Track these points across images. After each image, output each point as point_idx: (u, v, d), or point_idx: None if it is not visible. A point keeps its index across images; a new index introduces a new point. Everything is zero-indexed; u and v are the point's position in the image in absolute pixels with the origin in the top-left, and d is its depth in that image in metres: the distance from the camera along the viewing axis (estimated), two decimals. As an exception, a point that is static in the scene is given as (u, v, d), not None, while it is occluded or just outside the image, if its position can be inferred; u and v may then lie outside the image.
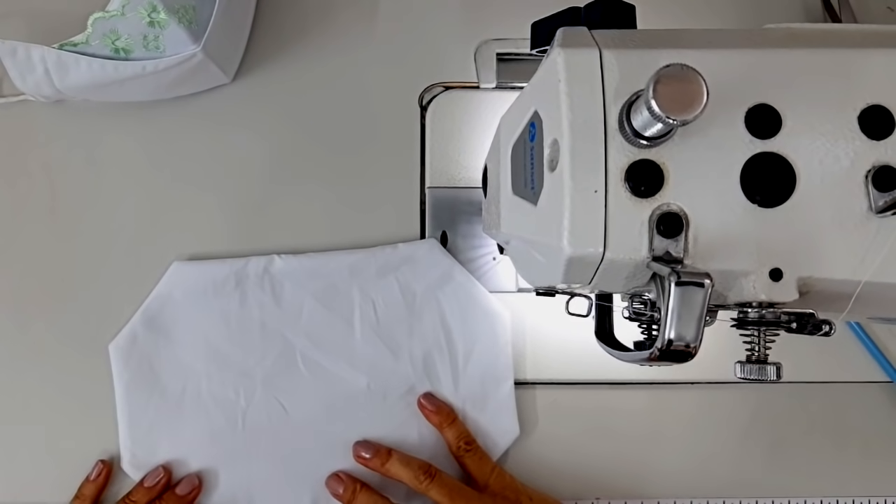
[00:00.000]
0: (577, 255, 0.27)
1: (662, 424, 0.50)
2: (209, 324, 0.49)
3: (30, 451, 0.49)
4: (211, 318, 0.49)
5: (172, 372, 0.48)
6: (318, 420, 0.48)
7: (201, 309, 0.49)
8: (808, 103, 0.28)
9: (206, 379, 0.48)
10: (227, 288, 0.49)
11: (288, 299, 0.49)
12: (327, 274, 0.49)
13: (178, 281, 0.49)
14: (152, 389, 0.48)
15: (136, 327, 0.49)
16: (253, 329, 0.49)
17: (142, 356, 0.48)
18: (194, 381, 0.48)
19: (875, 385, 0.51)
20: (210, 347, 0.48)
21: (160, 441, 0.48)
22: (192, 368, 0.48)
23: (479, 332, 0.49)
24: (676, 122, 0.24)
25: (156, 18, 0.44)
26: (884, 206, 0.27)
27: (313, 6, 0.53)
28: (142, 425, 0.48)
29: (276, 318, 0.49)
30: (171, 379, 0.48)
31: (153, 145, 0.52)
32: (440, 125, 0.52)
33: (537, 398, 0.50)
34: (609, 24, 0.31)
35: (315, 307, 0.49)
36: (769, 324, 0.29)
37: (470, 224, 0.51)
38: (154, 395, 0.48)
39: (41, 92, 0.48)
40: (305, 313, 0.49)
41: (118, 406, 0.48)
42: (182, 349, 0.48)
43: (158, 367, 0.48)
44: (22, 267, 0.51)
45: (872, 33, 0.30)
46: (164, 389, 0.48)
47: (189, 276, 0.49)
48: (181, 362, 0.48)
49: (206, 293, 0.49)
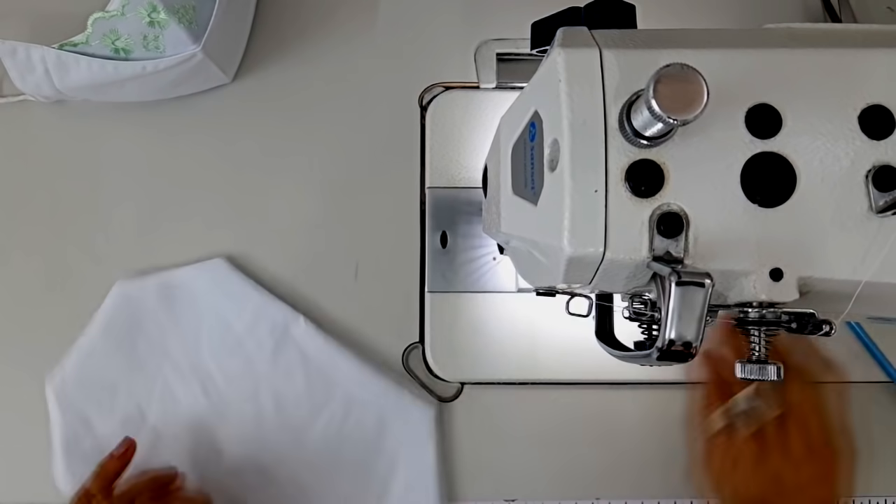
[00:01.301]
0: (578, 255, 0.27)
1: (662, 424, 0.50)
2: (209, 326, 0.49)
3: (30, 451, 0.49)
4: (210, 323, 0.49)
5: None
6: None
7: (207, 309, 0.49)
8: (808, 103, 0.28)
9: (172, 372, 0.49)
10: (241, 314, 0.49)
11: (285, 359, 0.49)
12: (330, 369, 0.49)
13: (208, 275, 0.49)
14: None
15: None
16: (239, 360, 0.49)
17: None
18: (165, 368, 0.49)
19: (875, 385, 0.51)
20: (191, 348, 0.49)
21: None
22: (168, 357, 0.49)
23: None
24: (677, 121, 0.24)
25: (156, 18, 0.44)
26: (884, 206, 0.27)
27: (313, 6, 0.53)
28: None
29: (265, 367, 0.49)
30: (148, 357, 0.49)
31: (153, 145, 0.52)
32: (440, 125, 0.52)
33: (537, 398, 0.50)
34: (609, 24, 0.31)
35: (302, 384, 0.49)
36: (769, 324, 0.29)
37: (470, 224, 0.51)
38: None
39: (41, 92, 0.48)
40: (293, 383, 0.49)
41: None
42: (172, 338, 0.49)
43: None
44: (22, 266, 0.51)
45: (872, 33, 0.30)
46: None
47: (215, 276, 0.49)
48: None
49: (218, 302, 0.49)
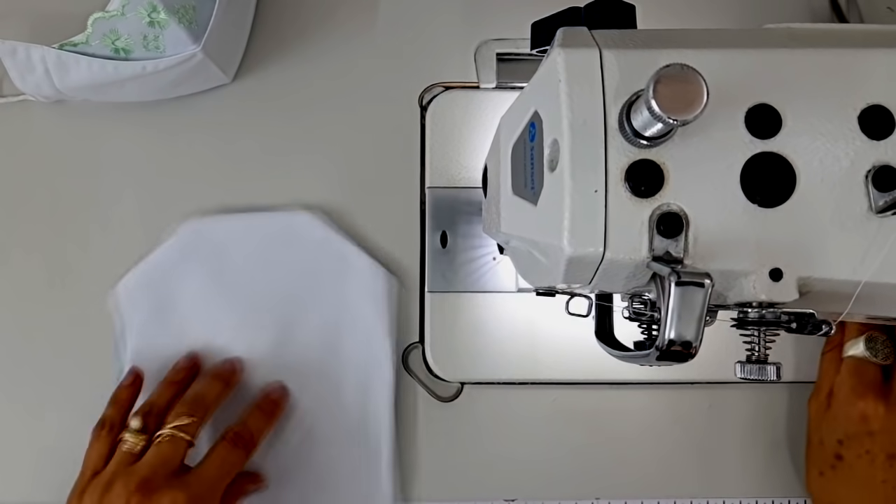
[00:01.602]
0: (577, 255, 0.27)
1: (662, 424, 0.50)
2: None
3: (30, 451, 0.49)
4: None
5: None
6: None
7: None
8: (808, 103, 0.28)
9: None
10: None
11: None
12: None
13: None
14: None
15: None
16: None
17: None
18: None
19: (875, 385, 0.51)
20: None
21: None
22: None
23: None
24: (676, 122, 0.24)
25: (156, 18, 0.44)
26: (884, 206, 0.27)
27: (313, 6, 0.53)
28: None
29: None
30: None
31: (153, 145, 0.52)
32: (440, 125, 0.52)
33: (537, 398, 0.50)
34: (609, 24, 0.31)
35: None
36: (769, 324, 0.29)
37: (470, 224, 0.51)
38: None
39: (41, 92, 0.48)
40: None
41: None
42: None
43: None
44: (22, 266, 0.51)
45: (872, 33, 0.30)
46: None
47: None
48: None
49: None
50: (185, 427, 0.40)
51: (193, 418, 0.41)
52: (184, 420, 0.40)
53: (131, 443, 0.40)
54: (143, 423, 0.41)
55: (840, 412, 0.44)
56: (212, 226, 0.50)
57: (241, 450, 0.42)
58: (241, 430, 0.43)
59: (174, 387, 0.44)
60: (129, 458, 0.39)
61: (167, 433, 0.40)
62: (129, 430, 0.40)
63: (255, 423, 0.44)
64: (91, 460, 0.41)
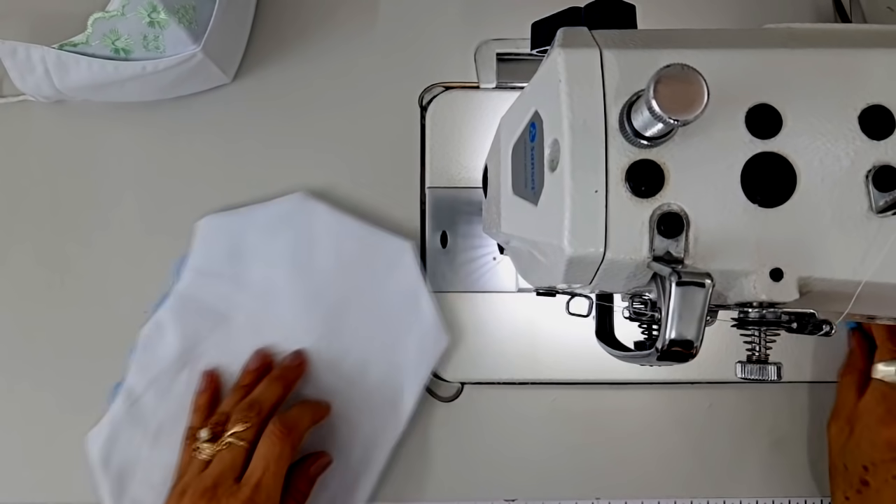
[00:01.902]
0: (578, 256, 0.27)
1: (662, 424, 0.50)
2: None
3: (29, 451, 0.49)
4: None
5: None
6: None
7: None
8: (808, 103, 0.28)
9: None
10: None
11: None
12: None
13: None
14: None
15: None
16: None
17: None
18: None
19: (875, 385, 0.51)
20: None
21: None
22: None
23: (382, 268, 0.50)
24: (677, 122, 0.24)
25: (156, 18, 0.44)
26: (884, 206, 0.27)
27: (313, 6, 0.53)
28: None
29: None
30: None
31: (153, 145, 0.52)
32: (440, 125, 0.52)
33: (537, 398, 0.50)
34: (609, 24, 0.31)
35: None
36: (770, 324, 0.29)
37: (470, 224, 0.51)
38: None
39: (41, 92, 0.48)
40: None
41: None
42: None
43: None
44: (22, 267, 0.51)
45: (872, 33, 0.30)
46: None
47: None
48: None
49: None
50: (242, 434, 0.42)
51: (248, 424, 0.43)
52: (239, 427, 0.42)
53: (202, 451, 0.43)
54: (211, 433, 0.43)
55: (865, 438, 0.44)
56: (316, 209, 0.50)
57: (282, 440, 0.43)
58: (283, 419, 0.44)
59: (242, 392, 0.46)
60: (202, 466, 0.42)
61: (226, 441, 0.42)
62: (201, 440, 0.43)
63: (297, 411, 0.45)
64: (181, 467, 0.44)
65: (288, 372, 0.47)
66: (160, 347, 0.48)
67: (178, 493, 0.41)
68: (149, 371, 0.48)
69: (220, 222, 0.50)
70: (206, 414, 0.46)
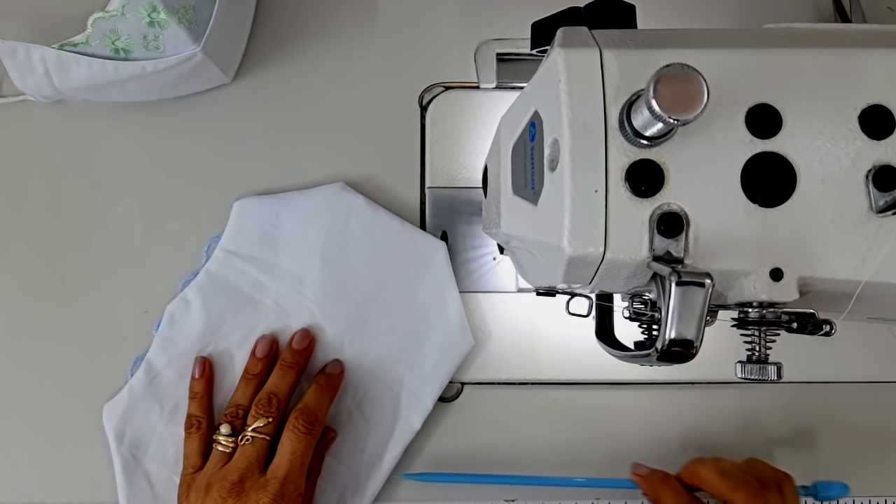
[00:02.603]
0: (578, 255, 0.27)
1: (662, 424, 0.50)
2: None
3: (29, 451, 0.49)
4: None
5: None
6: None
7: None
8: (808, 103, 0.28)
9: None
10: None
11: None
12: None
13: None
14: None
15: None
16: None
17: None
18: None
19: (875, 385, 0.51)
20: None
21: None
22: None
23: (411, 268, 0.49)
24: (677, 121, 0.24)
25: (156, 18, 0.44)
26: (884, 206, 0.27)
27: (313, 6, 0.53)
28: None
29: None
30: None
31: (153, 145, 0.52)
32: (440, 125, 0.52)
33: (537, 398, 0.50)
34: (609, 24, 0.31)
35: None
36: (770, 324, 0.29)
37: (470, 224, 0.51)
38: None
39: (41, 92, 0.48)
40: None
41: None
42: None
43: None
44: (22, 266, 0.51)
45: (872, 33, 0.30)
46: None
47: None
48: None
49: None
50: (264, 428, 0.43)
51: (269, 419, 0.43)
52: (261, 422, 0.43)
53: (224, 445, 0.43)
54: (231, 428, 0.44)
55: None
56: (354, 202, 0.50)
57: (307, 434, 0.43)
58: (305, 413, 0.44)
59: (255, 381, 0.46)
60: (223, 459, 0.43)
61: (249, 436, 0.43)
62: (222, 434, 0.44)
63: (317, 403, 0.45)
64: (189, 458, 0.45)
65: (299, 356, 0.47)
66: (185, 325, 0.48)
67: (202, 487, 0.42)
68: (171, 348, 0.48)
69: (257, 205, 0.50)
70: (205, 400, 0.46)
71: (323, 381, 0.46)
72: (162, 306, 0.49)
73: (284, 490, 0.41)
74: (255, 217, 0.49)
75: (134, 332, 0.49)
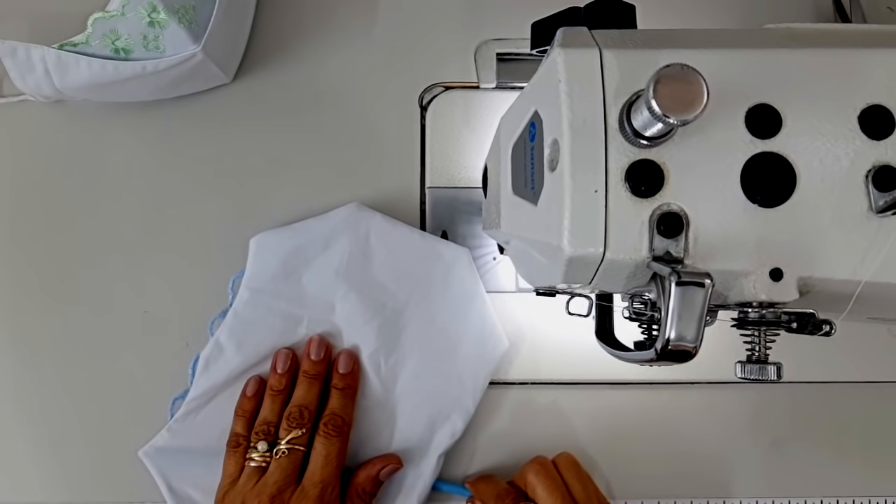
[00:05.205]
0: (578, 255, 0.27)
1: (663, 424, 0.50)
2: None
3: (29, 451, 0.49)
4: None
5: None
6: None
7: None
8: (808, 103, 0.28)
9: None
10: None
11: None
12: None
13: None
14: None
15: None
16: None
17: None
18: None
19: (875, 385, 0.51)
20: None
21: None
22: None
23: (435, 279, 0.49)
24: (676, 122, 0.24)
25: (156, 18, 0.44)
26: (884, 206, 0.27)
27: (313, 6, 0.53)
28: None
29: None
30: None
31: (153, 145, 0.52)
32: (440, 125, 0.52)
33: (537, 398, 0.50)
34: (609, 24, 0.31)
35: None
36: (769, 324, 0.29)
37: (470, 224, 0.51)
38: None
39: (41, 92, 0.48)
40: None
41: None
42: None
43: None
44: (21, 267, 0.51)
45: (872, 33, 0.30)
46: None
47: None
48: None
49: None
50: (299, 439, 0.44)
51: (303, 431, 0.44)
52: (295, 433, 0.44)
53: (258, 460, 0.44)
54: (267, 444, 0.44)
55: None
56: (371, 220, 0.49)
57: (338, 437, 0.44)
58: (333, 419, 0.45)
59: (281, 397, 0.46)
60: (257, 474, 0.44)
61: (284, 448, 0.44)
62: (258, 451, 0.44)
63: (341, 407, 0.46)
64: (228, 472, 0.45)
65: (320, 366, 0.47)
66: (220, 369, 0.48)
67: (237, 503, 0.42)
68: (209, 390, 0.48)
69: (274, 238, 0.49)
70: (250, 421, 0.46)
71: (341, 384, 0.46)
72: (161, 305, 0.50)
73: (323, 494, 0.42)
74: (275, 250, 0.49)
75: (133, 332, 0.50)
